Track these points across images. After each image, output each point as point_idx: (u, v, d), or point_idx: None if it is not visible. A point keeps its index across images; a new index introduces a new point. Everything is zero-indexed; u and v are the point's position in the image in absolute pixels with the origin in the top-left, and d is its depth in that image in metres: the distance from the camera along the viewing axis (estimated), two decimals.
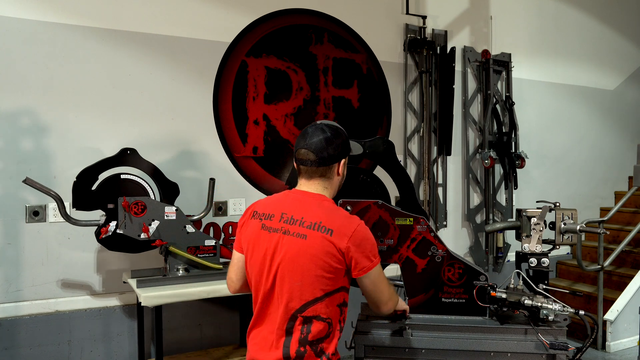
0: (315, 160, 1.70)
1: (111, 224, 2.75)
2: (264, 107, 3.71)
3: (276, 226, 1.69)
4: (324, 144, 1.71)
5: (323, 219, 1.64)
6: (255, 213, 1.76)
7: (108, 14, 3.21)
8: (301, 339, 1.65)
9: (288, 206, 1.71)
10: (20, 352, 2.97)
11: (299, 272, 1.63)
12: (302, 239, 1.63)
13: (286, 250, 1.65)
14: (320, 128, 1.74)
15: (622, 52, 5.84)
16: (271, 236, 1.68)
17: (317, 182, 1.74)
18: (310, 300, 1.64)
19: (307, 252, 1.62)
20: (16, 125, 2.99)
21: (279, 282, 1.66)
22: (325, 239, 1.62)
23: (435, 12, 4.48)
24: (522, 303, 2.13)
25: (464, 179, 4.69)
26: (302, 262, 1.63)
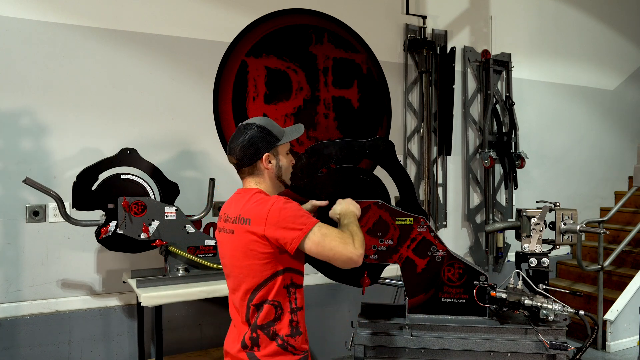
0: (237, 163, 1.85)
1: (111, 224, 2.75)
2: (264, 107, 3.71)
3: (223, 226, 1.83)
4: (238, 147, 1.81)
5: (242, 211, 1.74)
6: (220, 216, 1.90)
7: (108, 14, 3.22)
8: (252, 326, 1.74)
9: (229, 206, 1.84)
10: (20, 352, 2.97)
11: (237, 265, 1.75)
12: (231, 234, 1.76)
13: (225, 247, 1.80)
14: (240, 130, 1.83)
15: (622, 52, 5.84)
16: (220, 237, 1.85)
17: (249, 180, 1.85)
18: (254, 289, 1.72)
19: (237, 246, 1.73)
20: (16, 125, 2.99)
21: (231, 278, 1.81)
22: (245, 230, 1.70)
23: (435, 12, 4.48)
24: (522, 303, 2.13)
25: (464, 179, 4.69)
26: (237, 256, 1.74)
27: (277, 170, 1.87)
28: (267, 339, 1.72)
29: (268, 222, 1.67)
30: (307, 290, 3.94)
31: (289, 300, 1.75)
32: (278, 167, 1.86)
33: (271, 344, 1.72)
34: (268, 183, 1.86)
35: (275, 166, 1.85)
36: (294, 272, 1.76)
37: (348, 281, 2.26)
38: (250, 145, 1.80)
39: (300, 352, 1.77)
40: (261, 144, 1.81)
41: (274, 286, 1.72)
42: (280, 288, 1.73)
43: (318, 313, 3.89)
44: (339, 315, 3.96)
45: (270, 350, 1.72)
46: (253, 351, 1.73)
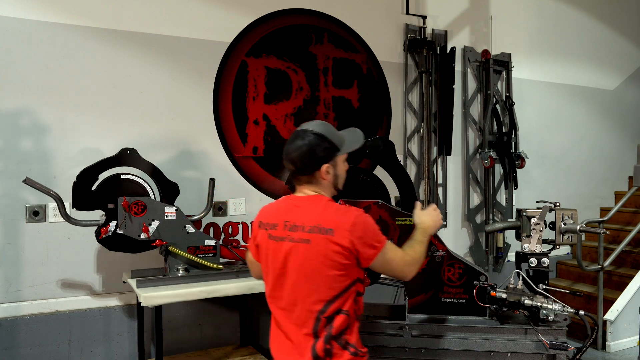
0: (295, 170, 1.76)
1: (111, 224, 2.75)
2: (264, 107, 3.71)
3: (281, 235, 1.72)
4: (299, 155, 1.73)
5: (321, 221, 1.67)
6: (260, 223, 1.81)
7: (108, 14, 3.22)
8: (326, 337, 1.68)
9: (289, 213, 1.74)
10: (20, 352, 2.97)
11: (313, 276, 1.66)
12: (307, 243, 1.67)
13: (295, 257, 1.68)
14: (299, 135, 1.77)
15: (622, 52, 5.84)
16: (278, 245, 1.72)
17: (307, 187, 1.78)
18: (329, 300, 1.67)
19: (314, 256, 1.66)
20: (16, 125, 2.99)
21: (296, 290, 1.69)
22: (328, 240, 1.64)
23: (435, 12, 4.48)
24: (522, 303, 2.13)
25: (464, 179, 4.69)
26: (313, 266, 1.66)
27: (334, 180, 1.81)
28: (340, 348, 1.70)
29: (353, 234, 1.64)
30: None
31: (356, 308, 1.75)
32: (335, 177, 1.81)
33: (344, 353, 1.70)
34: (329, 190, 1.81)
35: (332, 175, 1.79)
36: (361, 281, 1.76)
37: None
38: (310, 154, 1.73)
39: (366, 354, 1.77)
40: (321, 154, 1.74)
41: (349, 296, 1.70)
42: (352, 298, 1.72)
43: None
44: None
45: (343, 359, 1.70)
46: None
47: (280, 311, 1.75)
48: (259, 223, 1.82)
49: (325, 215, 1.68)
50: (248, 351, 3.39)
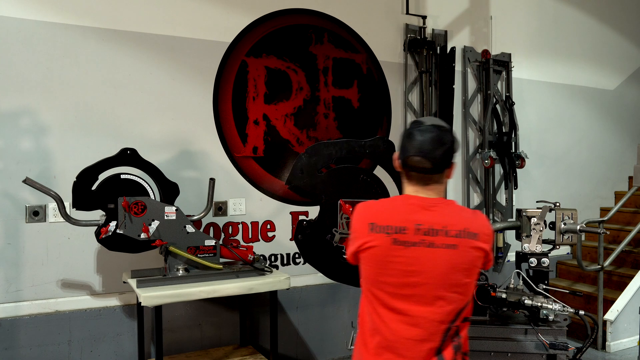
0: (431, 168, 1.57)
1: (111, 224, 2.75)
2: (264, 107, 3.71)
3: (414, 239, 1.54)
4: (444, 151, 1.57)
5: (466, 225, 1.56)
6: (374, 226, 1.58)
7: (108, 14, 3.22)
8: (455, 347, 1.58)
9: (419, 216, 1.56)
10: (20, 352, 2.97)
11: (453, 283, 1.54)
12: (453, 249, 1.53)
13: (435, 264, 1.53)
14: (430, 130, 1.58)
15: (622, 52, 5.84)
16: (410, 252, 1.54)
17: (433, 188, 1.61)
18: (461, 308, 1.57)
19: (459, 262, 1.54)
20: (16, 125, 2.99)
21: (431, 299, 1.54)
22: (474, 245, 1.55)
23: (435, 12, 4.48)
24: (522, 303, 2.13)
25: (464, 179, 4.69)
26: (456, 273, 1.54)
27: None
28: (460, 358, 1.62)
29: (490, 239, 1.59)
30: (307, 290, 3.98)
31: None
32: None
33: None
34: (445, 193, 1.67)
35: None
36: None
37: (348, 281, 2.26)
38: (452, 151, 1.60)
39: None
40: (454, 150, 1.62)
41: (471, 303, 1.63)
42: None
43: (318, 313, 3.89)
44: (339, 315, 3.97)
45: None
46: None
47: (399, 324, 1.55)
48: (370, 226, 1.58)
49: (467, 219, 1.58)
50: (248, 351, 3.39)
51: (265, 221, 3.71)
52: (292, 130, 3.81)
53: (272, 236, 3.73)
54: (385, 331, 1.57)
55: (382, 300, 1.58)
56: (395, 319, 1.56)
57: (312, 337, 3.88)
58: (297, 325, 3.82)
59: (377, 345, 1.58)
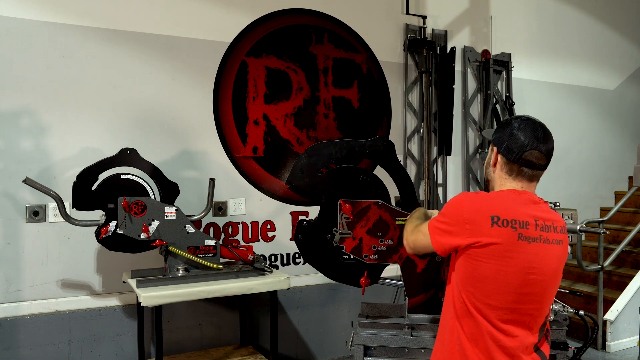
0: (544, 164, 1.59)
1: (111, 224, 2.75)
2: (264, 107, 3.71)
3: (535, 235, 1.50)
4: (551, 148, 1.60)
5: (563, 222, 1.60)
6: (498, 219, 1.49)
7: (108, 14, 3.22)
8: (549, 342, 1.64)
9: (535, 211, 1.54)
10: (20, 352, 2.97)
11: (558, 279, 1.57)
12: (560, 244, 1.54)
13: (549, 260, 1.52)
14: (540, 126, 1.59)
15: (622, 52, 5.84)
16: (531, 247, 1.50)
17: (534, 185, 1.62)
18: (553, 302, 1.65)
19: (564, 257, 1.57)
20: (16, 125, 2.99)
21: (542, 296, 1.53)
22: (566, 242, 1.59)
23: (435, 12, 4.48)
24: None
25: (464, 179, 4.69)
26: (561, 268, 1.57)
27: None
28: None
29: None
30: (307, 290, 3.97)
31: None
32: None
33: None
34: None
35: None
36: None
37: (348, 281, 2.26)
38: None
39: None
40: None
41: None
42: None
43: (318, 313, 3.89)
44: (339, 315, 3.97)
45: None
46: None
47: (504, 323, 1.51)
48: (493, 218, 1.49)
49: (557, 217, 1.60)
50: (248, 351, 3.39)
51: (265, 221, 3.71)
52: (292, 130, 3.81)
53: (272, 236, 3.73)
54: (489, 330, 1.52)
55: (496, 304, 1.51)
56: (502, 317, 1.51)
57: (312, 337, 3.88)
58: (297, 325, 3.82)
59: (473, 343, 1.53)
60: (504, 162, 1.60)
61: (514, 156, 1.57)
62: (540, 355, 1.58)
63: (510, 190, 1.59)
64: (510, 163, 1.59)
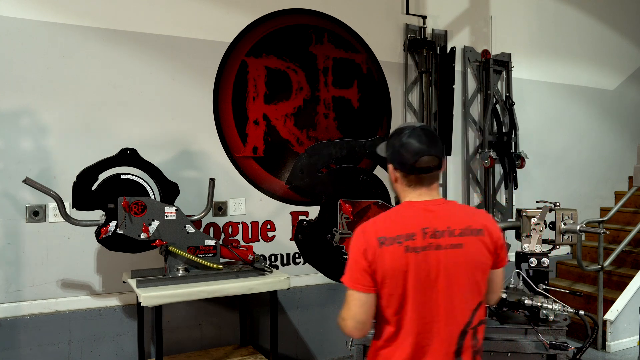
0: (438, 164, 1.62)
1: (111, 224, 2.75)
2: (264, 107, 3.71)
3: (423, 244, 1.53)
4: (441, 146, 1.63)
5: (469, 222, 1.57)
6: (384, 239, 1.53)
7: (108, 14, 3.22)
8: (474, 352, 1.59)
9: (424, 220, 1.56)
10: (20, 352, 2.97)
11: (463, 283, 1.54)
12: (459, 248, 1.54)
13: (445, 265, 1.53)
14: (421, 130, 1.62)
15: (622, 52, 5.84)
16: (421, 257, 1.52)
17: (435, 186, 1.65)
18: (474, 308, 1.57)
19: (467, 261, 1.55)
20: (16, 125, 2.99)
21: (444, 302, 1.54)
22: (480, 241, 1.56)
23: (435, 12, 4.48)
24: (522, 303, 2.13)
25: (464, 179, 4.69)
26: (465, 272, 1.55)
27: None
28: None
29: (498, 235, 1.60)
30: (307, 290, 3.97)
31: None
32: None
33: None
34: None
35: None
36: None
37: None
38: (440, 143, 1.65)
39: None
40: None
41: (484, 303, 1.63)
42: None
43: (318, 313, 3.89)
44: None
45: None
46: None
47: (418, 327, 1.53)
48: (379, 240, 1.53)
49: (470, 216, 1.60)
50: (248, 351, 3.39)
51: (265, 221, 3.70)
52: (292, 130, 3.81)
53: (272, 236, 3.73)
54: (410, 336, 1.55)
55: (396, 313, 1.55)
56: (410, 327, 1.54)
57: (312, 337, 3.88)
58: (297, 325, 3.82)
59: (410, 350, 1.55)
60: (401, 176, 1.63)
61: (407, 168, 1.60)
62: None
63: (402, 205, 1.64)
64: (407, 176, 1.62)
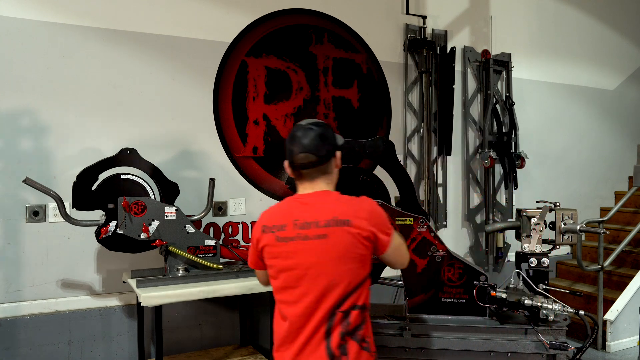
0: (317, 160, 1.70)
1: (111, 224, 2.75)
2: (264, 107, 3.71)
3: (291, 234, 1.66)
4: (320, 142, 1.70)
5: (336, 212, 1.65)
6: (265, 228, 1.72)
7: (108, 14, 3.22)
8: (342, 333, 1.65)
9: (297, 212, 1.69)
10: (20, 352, 2.97)
11: (330, 271, 1.63)
12: (324, 239, 1.63)
13: (310, 254, 1.64)
14: (309, 128, 1.72)
15: (622, 52, 5.84)
16: (289, 246, 1.66)
17: (321, 181, 1.74)
18: (346, 294, 1.64)
19: (333, 250, 1.63)
20: (16, 125, 2.99)
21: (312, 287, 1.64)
22: (345, 232, 1.62)
23: (435, 12, 4.48)
24: (522, 303, 2.13)
25: (464, 179, 4.69)
26: (331, 261, 1.63)
27: (338, 172, 1.82)
28: (355, 344, 1.67)
29: (371, 222, 1.65)
30: None
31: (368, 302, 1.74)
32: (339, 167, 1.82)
33: (359, 349, 1.67)
34: (335, 183, 1.80)
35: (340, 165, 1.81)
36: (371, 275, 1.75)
37: None
38: (327, 139, 1.73)
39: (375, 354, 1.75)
40: (334, 141, 1.76)
41: (364, 290, 1.69)
42: (366, 289, 1.71)
43: None
44: None
45: (359, 355, 1.67)
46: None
47: (292, 312, 1.68)
48: (262, 228, 1.73)
49: (339, 207, 1.66)
50: (248, 351, 3.39)
51: None
52: None
53: None
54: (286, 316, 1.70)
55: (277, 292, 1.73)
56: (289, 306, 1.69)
57: None
58: None
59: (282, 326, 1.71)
60: (290, 171, 1.77)
61: (292, 166, 1.75)
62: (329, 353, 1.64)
63: (286, 199, 1.78)
64: (292, 171, 1.76)
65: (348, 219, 1.63)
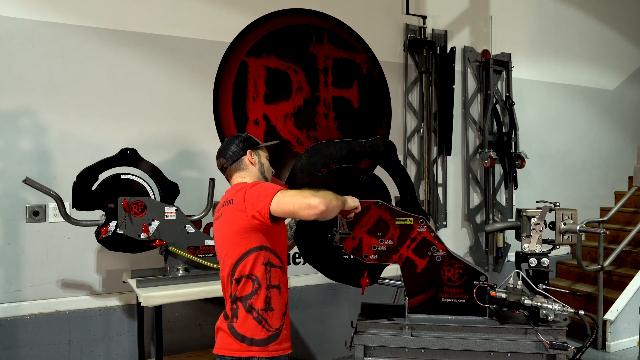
0: (225, 162, 2.06)
1: (111, 224, 2.75)
2: (264, 107, 3.71)
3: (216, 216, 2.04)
4: (224, 149, 2.08)
5: (228, 196, 1.96)
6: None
7: (108, 14, 3.22)
8: (232, 298, 1.92)
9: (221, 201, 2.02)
10: (20, 352, 2.97)
11: (224, 244, 1.95)
12: (221, 217, 1.97)
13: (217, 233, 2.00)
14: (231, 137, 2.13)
15: (622, 52, 5.84)
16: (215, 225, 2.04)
17: (235, 177, 2.06)
18: (234, 264, 1.90)
19: (224, 226, 1.93)
20: (16, 125, 2.99)
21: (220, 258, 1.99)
22: (231, 209, 1.90)
23: (435, 12, 4.48)
24: (522, 303, 2.13)
25: (464, 179, 4.69)
26: (224, 235, 1.94)
27: (260, 167, 2.10)
28: (244, 311, 1.90)
29: (246, 197, 1.86)
30: (307, 290, 3.97)
31: (266, 277, 1.92)
32: (260, 164, 2.10)
33: (247, 316, 1.89)
34: (255, 175, 2.07)
35: (258, 162, 2.09)
36: (269, 251, 1.93)
37: (348, 281, 2.26)
38: (235, 144, 2.08)
39: (273, 329, 1.94)
40: (244, 144, 2.09)
41: (250, 261, 1.89)
42: (258, 265, 1.90)
43: (318, 313, 3.89)
44: (339, 315, 3.97)
45: (246, 322, 1.89)
46: (232, 322, 1.91)
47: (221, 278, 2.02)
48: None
49: (232, 191, 1.97)
50: None
51: None
52: (292, 130, 3.81)
53: None
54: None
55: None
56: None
57: (312, 337, 3.88)
58: (297, 325, 3.82)
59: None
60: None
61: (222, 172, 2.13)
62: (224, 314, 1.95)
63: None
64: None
65: (232, 199, 1.91)
